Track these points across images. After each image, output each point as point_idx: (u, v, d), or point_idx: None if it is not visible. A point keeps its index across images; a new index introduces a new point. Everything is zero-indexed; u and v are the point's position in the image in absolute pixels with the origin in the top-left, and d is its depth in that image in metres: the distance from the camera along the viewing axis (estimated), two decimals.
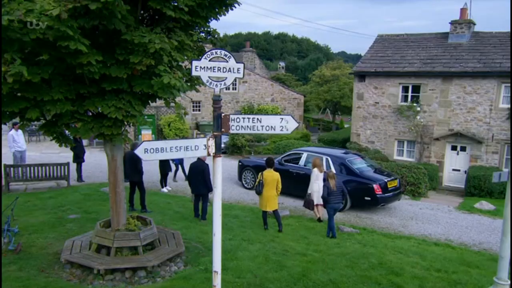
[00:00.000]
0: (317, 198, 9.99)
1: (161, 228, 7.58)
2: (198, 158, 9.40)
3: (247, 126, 3.86)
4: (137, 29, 4.96)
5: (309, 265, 6.50)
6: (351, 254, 7.21)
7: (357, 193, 11.16)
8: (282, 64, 61.90)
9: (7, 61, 4.21)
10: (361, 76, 17.92)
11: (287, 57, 77.38)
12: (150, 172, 12.56)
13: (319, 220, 10.01)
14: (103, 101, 5.55)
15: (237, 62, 3.75)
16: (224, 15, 6.55)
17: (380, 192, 10.96)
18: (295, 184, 11.73)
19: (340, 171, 11.43)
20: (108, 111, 5.52)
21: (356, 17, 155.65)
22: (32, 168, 11.58)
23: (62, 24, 4.09)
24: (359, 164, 11.93)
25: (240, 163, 13.81)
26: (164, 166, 11.94)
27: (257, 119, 3.86)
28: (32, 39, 4.23)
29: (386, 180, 11.29)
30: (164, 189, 12.42)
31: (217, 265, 4.02)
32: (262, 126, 3.86)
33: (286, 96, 25.55)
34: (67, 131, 6.21)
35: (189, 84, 6.51)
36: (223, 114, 3.83)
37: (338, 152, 12.94)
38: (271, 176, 8.85)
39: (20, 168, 11.46)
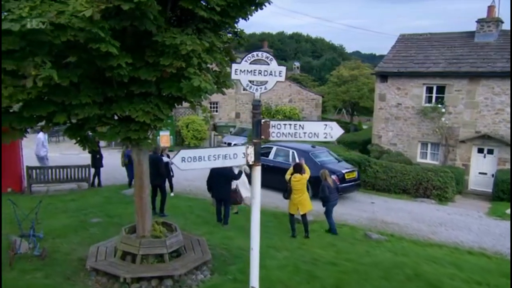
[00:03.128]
0: (245, 191, 9.98)
1: (186, 234, 7.38)
2: None
3: (289, 133, 3.62)
4: (168, 30, 4.76)
5: (342, 275, 6.21)
6: (383, 264, 6.89)
7: (318, 183, 11.42)
8: (297, 64, 61.27)
9: (37, 65, 4.06)
10: (383, 76, 17.48)
11: (301, 57, 76.77)
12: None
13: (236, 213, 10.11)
14: (131, 105, 5.38)
15: (279, 65, 3.50)
16: (251, 15, 6.33)
17: (338, 182, 11.65)
18: (264, 175, 12.83)
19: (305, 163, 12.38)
20: (136, 114, 5.34)
21: (367, 17, 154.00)
22: (53, 170, 11.59)
23: (94, 25, 3.92)
24: (323, 157, 13.23)
25: None
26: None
27: (299, 125, 3.61)
28: (62, 41, 4.07)
29: (344, 171, 12.51)
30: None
31: (255, 280, 3.79)
32: (305, 133, 3.61)
33: (304, 96, 25.20)
34: (90, 134, 6.08)
35: (216, 86, 6.30)
36: (263, 120, 3.60)
37: (304, 146, 14.05)
38: (299, 181, 8.59)
39: (42, 170, 11.47)
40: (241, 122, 23.90)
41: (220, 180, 9.14)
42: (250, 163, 3.62)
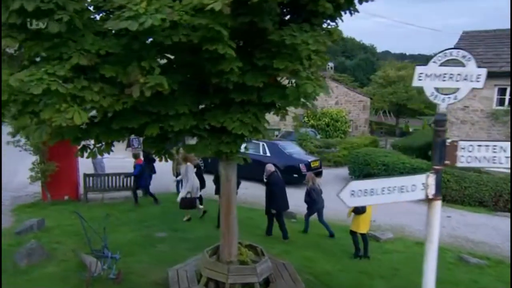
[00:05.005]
0: (196, 192, 9.63)
1: (270, 258, 6.61)
2: (276, 171, 8.82)
3: (484, 157, 2.73)
4: (285, 27, 3.97)
5: None
6: None
7: (288, 171, 13.13)
8: (331, 64, 59.60)
9: (144, 70, 3.38)
10: None
11: (332, 57, 74.90)
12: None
13: (204, 212, 9.84)
14: (227, 114, 4.66)
15: (478, 67, 2.62)
16: None
17: (305, 170, 13.08)
18: (239, 167, 14.48)
19: (274, 154, 13.91)
20: (232, 126, 4.61)
21: (401, 16, 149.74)
22: (109, 177, 11.19)
23: (216, 22, 3.18)
24: (291, 149, 14.73)
25: None
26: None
27: (501, 147, 2.71)
28: (174, 42, 3.37)
29: (309, 160, 14.07)
30: None
31: None
32: (507, 158, 2.71)
33: (351, 98, 24.02)
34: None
35: None
36: (449, 141, 2.73)
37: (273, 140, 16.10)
38: None
39: (98, 178, 11.10)
40: (285, 125, 23.05)
41: (284, 191, 8.53)
42: (430, 196, 2.75)
